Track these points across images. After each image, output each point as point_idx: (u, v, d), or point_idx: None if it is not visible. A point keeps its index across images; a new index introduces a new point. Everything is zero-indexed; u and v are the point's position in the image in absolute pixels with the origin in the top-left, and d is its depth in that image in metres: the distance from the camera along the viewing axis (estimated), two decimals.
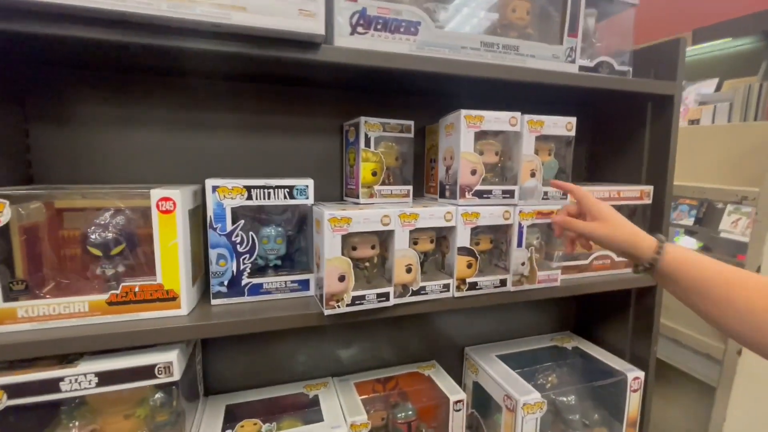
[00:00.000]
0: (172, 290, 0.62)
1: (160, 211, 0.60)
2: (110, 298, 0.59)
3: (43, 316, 0.57)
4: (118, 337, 0.58)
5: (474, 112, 0.71)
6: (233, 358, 0.89)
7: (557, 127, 0.77)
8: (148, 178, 0.77)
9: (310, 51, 0.60)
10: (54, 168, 0.72)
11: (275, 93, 0.84)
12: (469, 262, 0.74)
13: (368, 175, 0.78)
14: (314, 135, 0.88)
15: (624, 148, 1.01)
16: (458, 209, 0.72)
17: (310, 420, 0.78)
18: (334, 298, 0.65)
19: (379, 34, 0.64)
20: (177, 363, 0.61)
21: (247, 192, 0.67)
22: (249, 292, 0.69)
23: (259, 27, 0.54)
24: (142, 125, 0.76)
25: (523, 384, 0.88)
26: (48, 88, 0.71)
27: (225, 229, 0.67)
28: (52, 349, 0.56)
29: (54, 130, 0.71)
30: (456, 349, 1.08)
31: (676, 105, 0.88)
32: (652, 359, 0.96)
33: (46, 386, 0.55)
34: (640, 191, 0.91)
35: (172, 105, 0.78)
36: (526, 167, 0.76)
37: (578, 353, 1.05)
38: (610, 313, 1.07)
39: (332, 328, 0.96)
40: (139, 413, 0.65)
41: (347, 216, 0.64)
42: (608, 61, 0.87)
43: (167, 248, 0.61)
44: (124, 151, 0.76)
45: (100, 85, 0.73)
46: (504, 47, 0.72)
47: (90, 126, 0.73)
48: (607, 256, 0.91)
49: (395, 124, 0.79)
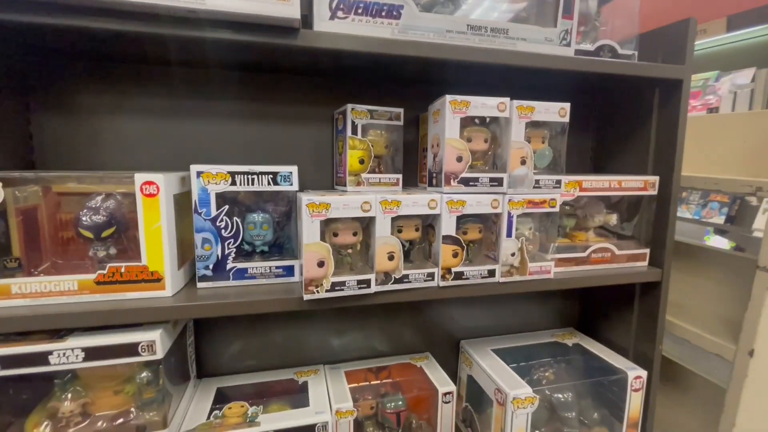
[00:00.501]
0: (157, 272, 0.64)
1: (144, 195, 0.62)
2: (98, 277, 0.62)
3: (35, 293, 0.60)
4: (104, 315, 0.60)
5: (460, 97, 0.70)
6: (227, 342, 0.91)
7: (549, 113, 0.75)
8: (145, 164, 0.80)
9: (289, 36, 0.60)
10: (55, 154, 0.76)
11: (269, 82, 0.85)
12: (455, 251, 0.73)
13: (355, 163, 0.77)
14: (308, 124, 0.88)
15: (630, 136, 0.97)
16: (443, 197, 0.71)
17: (297, 405, 0.79)
18: (313, 283, 0.65)
19: (360, 18, 0.64)
20: (160, 342, 0.63)
21: (231, 177, 0.68)
22: (234, 277, 0.71)
23: (234, 12, 0.55)
24: (138, 114, 0.79)
25: (516, 378, 0.86)
26: (49, 79, 0.74)
27: (210, 214, 0.68)
28: (43, 324, 0.59)
29: (54, 119, 0.75)
30: (452, 341, 1.07)
31: (684, 90, 0.83)
32: (657, 358, 0.92)
33: (36, 359, 0.59)
34: (644, 182, 0.87)
35: (168, 94, 0.80)
36: (515, 154, 0.73)
37: (579, 350, 1.02)
38: (613, 309, 1.03)
39: (326, 317, 0.97)
40: (127, 390, 0.68)
41: (326, 201, 0.64)
42: (610, 45, 0.83)
43: (151, 231, 0.63)
44: (121, 139, 0.79)
45: (96, 75, 0.76)
46: (492, 30, 0.70)
47: (88, 114, 0.77)
48: (607, 249, 0.87)
49: (383, 112, 0.79)
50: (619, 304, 1.01)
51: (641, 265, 0.91)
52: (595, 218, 0.90)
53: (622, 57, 0.84)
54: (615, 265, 0.88)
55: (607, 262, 0.87)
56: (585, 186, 0.82)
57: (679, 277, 1.08)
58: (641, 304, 0.95)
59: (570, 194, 0.81)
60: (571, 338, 1.06)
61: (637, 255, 0.90)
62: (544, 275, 0.79)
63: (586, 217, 0.91)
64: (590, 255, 0.86)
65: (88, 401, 0.66)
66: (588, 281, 0.84)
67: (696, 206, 1.66)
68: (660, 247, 0.89)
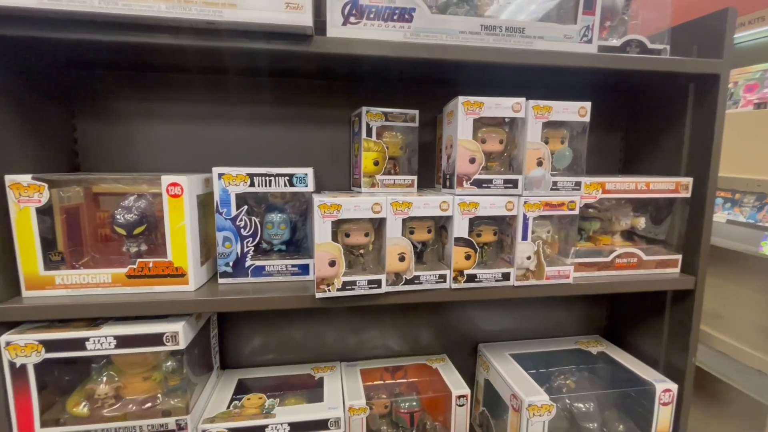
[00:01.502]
0: (181, 268, 0.68)
1: (170, 195, 0.66)
2: (129, 271, 0.67)
3: (75, 284, 0.66)
4: (134, 306, 0.65)
5: (473, 98, 0.69)
6: (249, 336, 0.95)
7: (569, 113, 0.72)
8: (173, 166, 0.85)
9: (303, 43, 0.63)
10: (95, 157, 0.83)
11: (288, 86, 0.88)
12: (468, 254, 0.73)
13: (370, 165, 0.79)
14: (326, 126, 0.91)
15: (663, 135, 0.92)
16: (455, 198, 0.71)
17: (313, 400, 0.82)
18: (325, 282, 0.67)
19: (372, 23, 0.65)
20: (183, 333, 0.67)
21: (250, 179, 0.71)
22: (252, 273, 0.74)
23: (250, 22, 0.58)
24: (166, 119, 0.85)
25: (533, 385, 0.84)
26: (89, 89, 0.81)
27: (230, 214, 0.72)
28: (81, 313, 0.64)
29: (95, 125, 0.82)
30: (471, 344, 1.06)
31: (722, 85, 0.78)
32: (690, 371, 0.86)
33: (75, 344, 0.64)
34: (676, 183, 0.82)
35: (193, 100, 0.85)
36: (531, 155, 0.72)
37: (603, 359, 0.97)
38: (643, 317, 0.98)
39: (344, 315, 0.99)
40: (155, 377, 0.73)
41: (337, 203, 0.66)
42: (638, 40, 0.79)
43: (176, 229, 0.67)
44: (152, 142, 0.85)
45: (129, 84, 0.82)
46: (508, 30, 0.69)
47: (122, 120, 0.83)
48: (634, 254, 0.83)
49: (398, 114, 0.79)
50: (649, 312, 0.95)
51: (672, 271, 0.86)
52: (621, 221, 0.86)
53: (652, 52, 0.79)
54: (642, 271, 0.84)
55: (633, 268, 0.83)
56: (608, 188, 0.79)
57: (718, 285, 1.01)
58: (673, 313, 0.90)
59: (592, 196, 0.78)
60: (596, 346, 1.02)
61: (668, 261, 0.85)
62: (562, 280, 0.77)
63: (611, 221, 0.87)
64: (614, 260, 0.82)
65: (120, 385, 0.72)
66: (611, 287, 0.81)
67: (751, 209, 1.54)
68: (694, 253, 0.83)
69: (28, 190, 0.62)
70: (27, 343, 0.63)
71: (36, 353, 0.63)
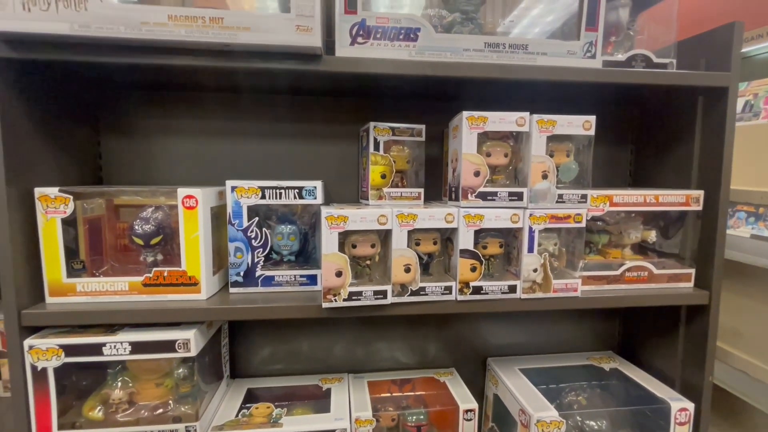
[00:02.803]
0: (194, 277, 0.71)
1: (185, 207, 0.69)
2: (145, 280, 0.70)
3: (95, 292, 0.69)
4: (149, 314, 0.68)
5: (477, 113, 0.71)
6: (259, 346, 0.97)
7: (573, 127, 0.73)
8: (189, 179, 0.89)
9: (313, 62, 0.66)
10: (117, 171, 0.87)
11: (299, 103, 0.91)
12: (473, 266, 0.73)
13: (377, 178, 0.81)
14: (336, 141, 0.94)
15: (672, 148, 0.91)
16: (460, 211, 0.72)
17: (320, 410, 0.82)
18: (331, 292, 0.68)
19: (378, 42, 0.68)
20: (194, 340, 0.69)
21: (261, 192, 0.74)
22: (262, 283, 0.76)
23: (263, 44, 0.61)
24: (183, 134, 0.89)
25: (542, 400, 0.82)
26: (112, 107, 0.86)
27: (242, 225, 0.74)
28: (99, 319, 0.67)
29: (117, 140, 0.87)
30: (480, 358, 1.05)
31: (731, 98, 0.78)
32: (707, 390, 0.83)
33: (93, 349, 0.67)
34: (686, 196, 0.81)
35: (208, 116, 0.89)
36: (536, 169, 0.73)
37: (617, 375, 0.95)
38: (658, 333, 0.95)
39: (352, 327, 1.00)
40: (167, 383, 0.75)
41: (344, 214, 0.68)
42: (644, 54, 0.80)
43: (190, 239, 0.70)
44: (170, 157, 0.89)
45: (148, 102, 0.87)
46: (511, 47, 0.71)
47: (142, 136, 0.88)
48: (644, 268, 0.82)
49: (405, 128, 0.81)
50: (664, 328, 0.93)
51: (686, 286, 0.84)
52: (630, 235, 0.85)
53: (658, 66, 0.80)
54: (653, 285, 0.82)
55: (644, 282, 0.82)
56: (616, 201, 0.79)
57: (738, 301, 0.98)
58: (688, 330, 0.88)
59: (599, 209, 0.78)
60: (609, 362, 0.99)
61: (680, 275, 0.83)
62: (570, 293, 0.76)
63: (620, 234, 0.86)
64: (624, 273, 0.81)
65: (134, 391, 0.74)
66: (621, 302, 0.80)
67: None
68: (707, 267, 0.82)
69: (54, 202, 0.66)
70: (48, 347, 0.66)
71: (56, 357, 0.66)
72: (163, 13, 0.58)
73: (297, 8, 0.60)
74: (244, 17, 0.59)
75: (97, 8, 0.56)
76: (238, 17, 0.59)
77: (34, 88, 0.68)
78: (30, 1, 0.55)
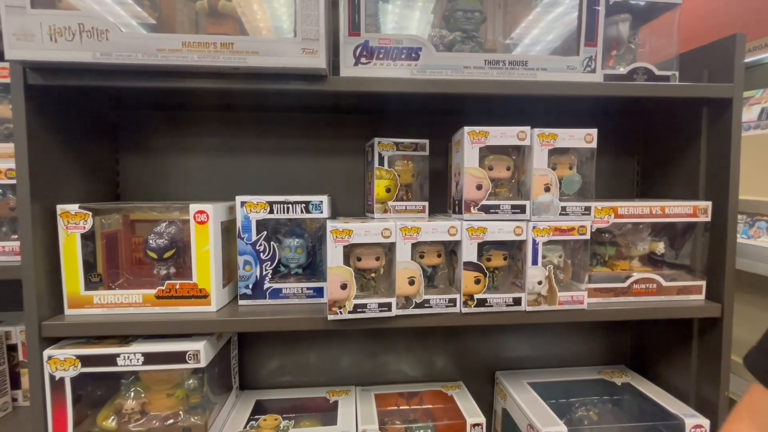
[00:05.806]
0: (205, 289, 0.73)
1: (197, 222, 0.72)
2: (158, 292, 0.73)
3: (110, 304, 0.72)
4: (161, 325, 0.70)
5: (478, 128, 0.72)
6: (267, 358, 0.99)
7: (575, 140, 0.74)
8: (202, 195, 0.93)
9: (318, 82, 0.69)
10: (134, 187, 0.91)
11: (307, 121, 0.95)
12: (477, 278, 0.74)
13: (382, 192, 0.83)
14: (343, 156, 0.96)
15: (678, 159, 0.91)
16: (463, 224, 0.73)
17: (327, 423, 0.83)
18: (337, 304, 0.70)
19: (381, 62, 0.71)
20: (204, 352, 0.71)
21: (269, 207, 0.77)
22: (270, 296, 0.78)
23: (271, 66, 0.64)
24: (196, 152, 0.93)
25: (551, 415, 0.81)
26: (130, 126, 0.91)
27: (251, 239, 0.77)
28: (114, 330, 0.70)
29: (134, 158, 0.91)
30: (489, 372, 1.04)
31: (735, 109, 0.78)
32: (722, 405, 0.81)
33: (108, 360, 0.69)
34: (694, 207, 0.80)
35: (219, 134, 0.93)
36: (538, 181, 0.73)
37: (629, 390, 0.93)
38: (670, 347, 0.93)
39: (359, 340, 1.01)
40: (178, 394, 0.77)
41: (349, 228, 0.69)
42: (645, 67, 0.81)
43: (201, 253, 0.73)
44: (184, 173, 0.93)
45: (163, 121, 0.92)
46: (511, 63, 0.73)
47: (158, 154, 0.92)
48: (652, 280, 0.81)
49: (409, 143, 0.83)
50: (676, 341, 0.91)
51: (697, 298, 0.82)
52: (638, 246, 0.85)
53: (660, 78, 0.80)
54: (663, 297, 0.81)
55: (653, 294, 0.81)
56: (621, 212, 0.79)
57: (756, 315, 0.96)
58: (701, 343, 0.86)
59: (604, 221, 0.78)
60: (620, 377, 0.97)
61: (691, 287, 0.82)
62: (576, 305, 0.76)
63: (628, 245, 0.86)
64: (631, 286, 0.80)
65: (146, 401, 0.76)
66: (629, 314, 0.79)
67: None
68: (718, 278, 0.80)
69: (75, 218, 0.70)
70: (66, 357, 0.68)
71: (73, 367, 0.69)
72: (178, 40, 0.62)
73: (303, 32, 0.63)
74: (253, 42, 0.63)
75: (118, 38, 0.60)
76: (247, 42, 0.63)
77: (59, 111, 0.72)
78: (57, 32, 0.59)
